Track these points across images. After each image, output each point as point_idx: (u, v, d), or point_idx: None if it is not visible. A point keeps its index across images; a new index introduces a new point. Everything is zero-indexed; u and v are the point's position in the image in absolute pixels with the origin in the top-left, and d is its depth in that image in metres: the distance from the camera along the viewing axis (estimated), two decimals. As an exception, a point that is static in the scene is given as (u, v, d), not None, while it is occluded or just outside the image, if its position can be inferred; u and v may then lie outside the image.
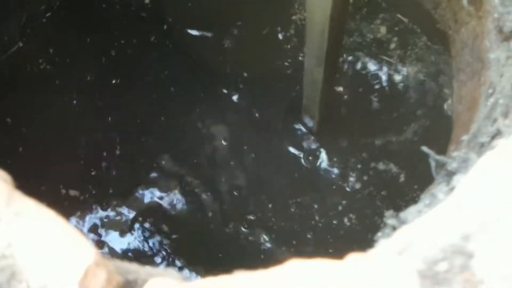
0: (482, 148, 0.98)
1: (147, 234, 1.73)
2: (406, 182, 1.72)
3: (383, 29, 1.88)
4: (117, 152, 1.84)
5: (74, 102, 1.90)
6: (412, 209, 0.77)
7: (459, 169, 0.82)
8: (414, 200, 1.66)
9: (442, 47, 1.79)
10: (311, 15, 1.32)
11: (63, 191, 1.79)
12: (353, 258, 0.59)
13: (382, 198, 1.72)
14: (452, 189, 0.73)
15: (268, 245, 1.70)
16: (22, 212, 0.50)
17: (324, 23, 1.29)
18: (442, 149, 1.44)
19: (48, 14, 1.96)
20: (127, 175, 1.82)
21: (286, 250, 1.70)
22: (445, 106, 1.77)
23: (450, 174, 0.89)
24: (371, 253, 0.61)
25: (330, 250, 1.65)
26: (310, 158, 1.79)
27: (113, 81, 1.92)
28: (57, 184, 1.79)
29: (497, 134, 0.90)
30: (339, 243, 1.68)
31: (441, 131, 1.66)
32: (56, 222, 0.49)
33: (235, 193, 1.76)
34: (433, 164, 1.00)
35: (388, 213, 1.76)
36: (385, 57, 1.85)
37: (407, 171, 1.73)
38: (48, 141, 1.84)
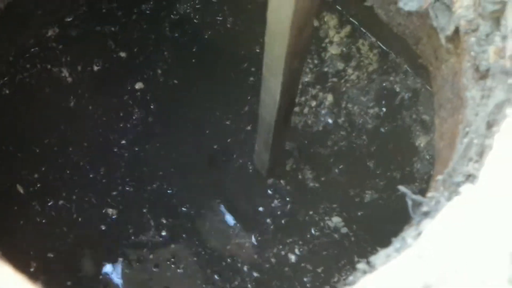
0: (458, 187, 0.98)
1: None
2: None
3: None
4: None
5: (66, 135, 1.91)
6: (381, 253, 0.78)
7: (430, 213, 0.83)
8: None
9: (425, 81, 1.81)
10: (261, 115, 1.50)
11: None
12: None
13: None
14: (420, 233, 0.74)
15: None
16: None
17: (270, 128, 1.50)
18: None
19: (36, 49, 1.98)
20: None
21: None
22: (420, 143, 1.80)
23: (425, 216, 0.89)
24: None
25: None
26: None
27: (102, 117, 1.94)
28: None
29: (470, 175, 0.91)
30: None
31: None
32: None
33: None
34: (410, 203, 1.01)
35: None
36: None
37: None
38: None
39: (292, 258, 1.74)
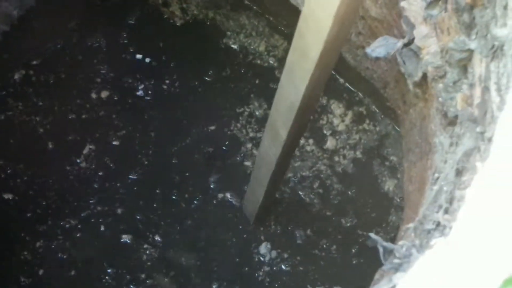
0: (429, 234, 0.97)
1: None
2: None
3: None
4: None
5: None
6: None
7: (402, 265, 0.81)
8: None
9: (393, 123, 1.82)
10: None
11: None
12: None
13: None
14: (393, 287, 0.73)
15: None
16: None
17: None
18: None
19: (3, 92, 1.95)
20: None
21: None
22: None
23: (396, 266, 0.88)
24: None
25: None
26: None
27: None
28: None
29: (440, 224, 0.90)
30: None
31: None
32: None
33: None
34: (381, 250, 1.00)
35: None
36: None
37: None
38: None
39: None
